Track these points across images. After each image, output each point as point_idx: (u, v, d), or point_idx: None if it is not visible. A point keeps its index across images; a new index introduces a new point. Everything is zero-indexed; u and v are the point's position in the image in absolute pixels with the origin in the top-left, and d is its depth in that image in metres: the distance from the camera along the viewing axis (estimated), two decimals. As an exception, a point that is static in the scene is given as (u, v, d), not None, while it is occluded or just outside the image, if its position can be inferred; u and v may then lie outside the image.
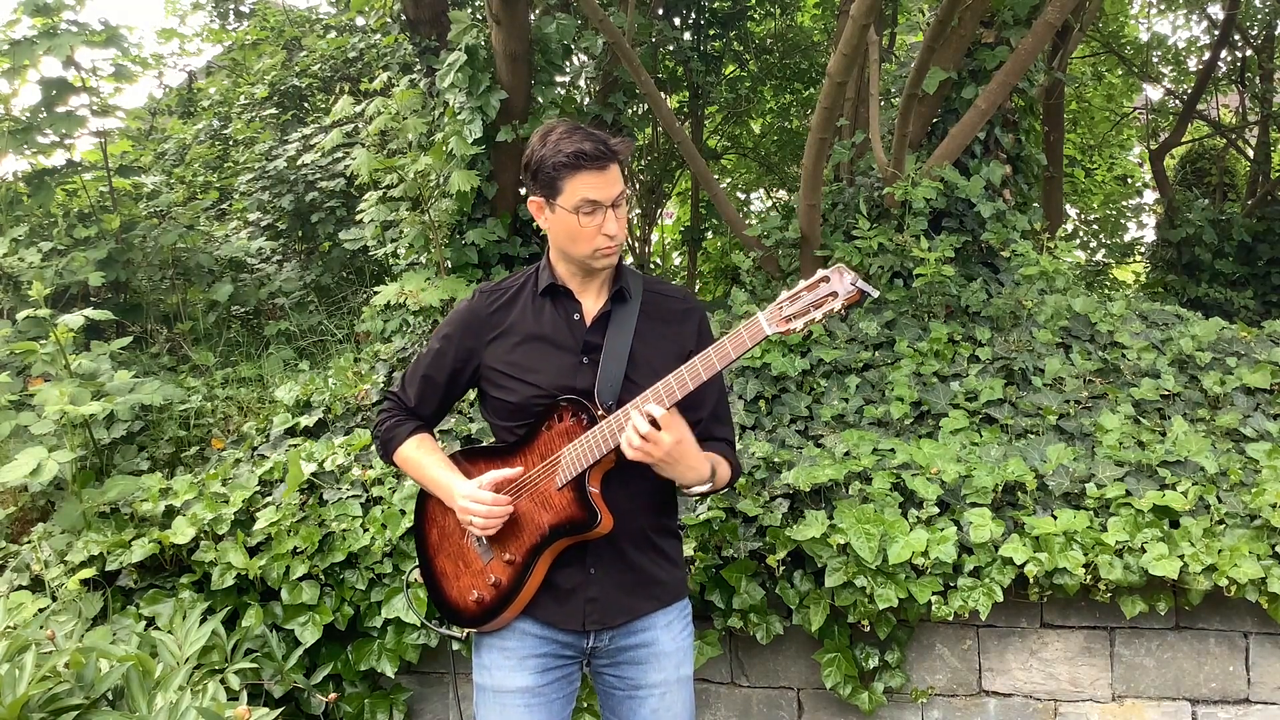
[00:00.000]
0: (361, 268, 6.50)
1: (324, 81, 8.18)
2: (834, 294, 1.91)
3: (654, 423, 1.95)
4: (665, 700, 2.21)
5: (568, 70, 5.96)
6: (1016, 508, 3.46)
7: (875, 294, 2.00)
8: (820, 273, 1.94)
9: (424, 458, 2.24)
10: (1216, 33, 8.55)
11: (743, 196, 11.04)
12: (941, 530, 3.29)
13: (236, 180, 7.53)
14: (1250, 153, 9.07)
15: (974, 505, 3.40)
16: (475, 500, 2.10)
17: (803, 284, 1.94)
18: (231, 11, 10.29)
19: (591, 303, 2.20)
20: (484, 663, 2.22)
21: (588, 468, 2.06)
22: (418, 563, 2.34)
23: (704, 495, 2.16)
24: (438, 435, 3.99)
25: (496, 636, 2.20)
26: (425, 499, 2.33)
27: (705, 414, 2.22)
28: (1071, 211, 11.59)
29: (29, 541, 3.72)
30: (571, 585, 2.15)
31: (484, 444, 2.30)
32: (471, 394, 2.78)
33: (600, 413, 2.07)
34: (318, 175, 6.82)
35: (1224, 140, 9.60)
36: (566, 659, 2.21)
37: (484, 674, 2.22)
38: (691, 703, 2.28)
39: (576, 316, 2.18)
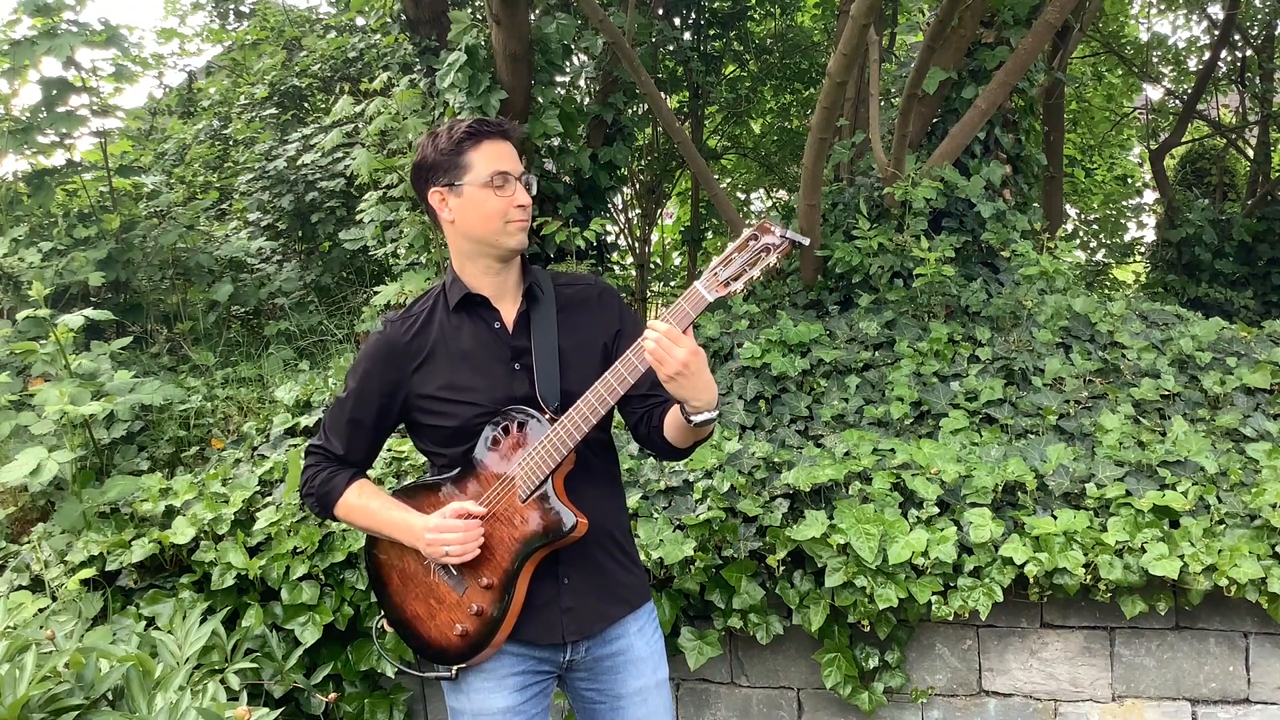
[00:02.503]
0: (361, 268, 6.50)
1: (324, 81, 8.17)
2: (767, 249, 1.89)
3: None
4: (647, 706, 2.18)
5: (568, 70, 5.95)
6: (1016, 508, 3.46)
7: (806, 242, 1.98)
8: (747, 232, 1.92)
9: (370, 502, 2.13)
10: (1216, 33, 8.55)
11: (743, 196, 11.03)
12: (941, 530, 3.29)
13: (236, 180, 7.53)
14: (1250, 153, 9.08)
15: (974, 505, 3.40)
16: (445, 530, 2.02)
17: (732, 246, 1.92)
18: (231, 11, 10.29)
19: (508, 307, 2.13)
20: (461, 686, 2.13)
21: (550, 473, 2.00)
22: (382, 614, 2.24)
23: (709, 426, 2.00)
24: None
25: None
26: (374, 547, 2.22)
27: (649, 390, 2.13)
28: (1071, 211, 11.60)
29: (29, 541, 3.72)
30: (546, 598, 2.10)
31: (426, 479, 2.18)
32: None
33: (549, 416, 2.03)
34: (318, 175, 6.82)
35: (1224, 140, 9.60)
36: (544, 674, 2.16)
37: (461, 698, 2.13)
38: (671, 705, 2.24)
39: (497, 325, 2.11)
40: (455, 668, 2.12)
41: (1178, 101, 9.70)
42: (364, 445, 2.18)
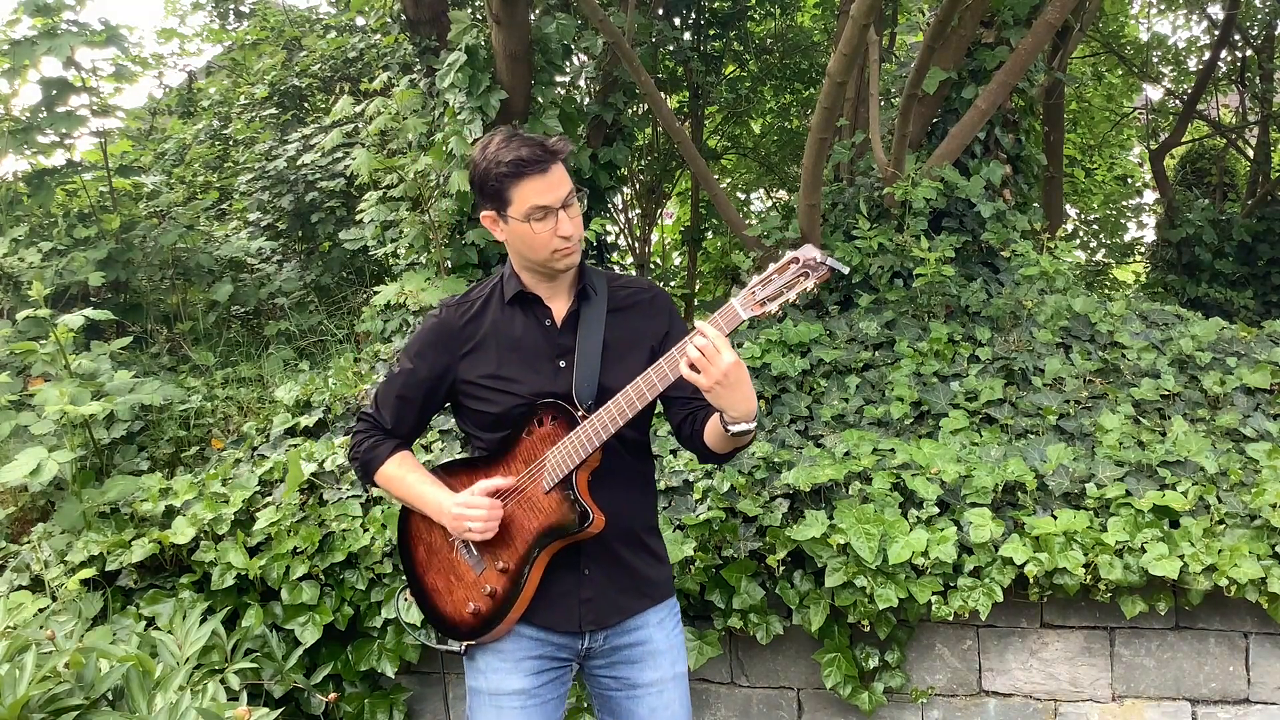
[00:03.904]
0: (361, 268, 6.50)
1: (324, 81, 8.17)
2: (805, 274, 1.93)
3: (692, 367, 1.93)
4: (663, 698, 2.22)
5: (568, 70, 5.95)
6: (1016, 508, 3.46)
7: (846, 270, 2.02)
8: (789, 254, 1.95)
9: (407, 474, 2.23)
10: (1216, 33, 8.55)
11: (743, 196, 11.03)
12: (941, 530, 3.29)
13: (236, 180, 7.53)
14: (1250, 153, 9.07)
15: (974, 505, 3.40)
16: (470, 506, 2.09)
17: (773, 266, 1.95)
18: (231, 11, 10.28)
19: (560, 305, 2.20)
20: (478, 666, 2.20)
21: (574, 468, 2.06)
22: (407, 583, 2.32)
23: (747, 436, 2.03)
24: (439, 435, 3.99)
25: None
26: (408, 518, 2.30)
27: (693, 393, 2.14)
28: (1071, 211, 11.59)
29: (29, 541, 3.72)
30: (566, 588, 2.15)
31: (464, 457, 2.28)
32: None
33: (580, 413, 2.08)
34: (318, 175, 6.82)
35: (1224, 140, 9.60)
36: (561, 660, 2.21)
37: (479, 677, 2.20)
38: (688, 699, 2.28)
39: (548, 322, 2.18)
40: (465, 644, 2.20)
41: (1178, 101, 9.70)
42: (410, 420, 2.27)
